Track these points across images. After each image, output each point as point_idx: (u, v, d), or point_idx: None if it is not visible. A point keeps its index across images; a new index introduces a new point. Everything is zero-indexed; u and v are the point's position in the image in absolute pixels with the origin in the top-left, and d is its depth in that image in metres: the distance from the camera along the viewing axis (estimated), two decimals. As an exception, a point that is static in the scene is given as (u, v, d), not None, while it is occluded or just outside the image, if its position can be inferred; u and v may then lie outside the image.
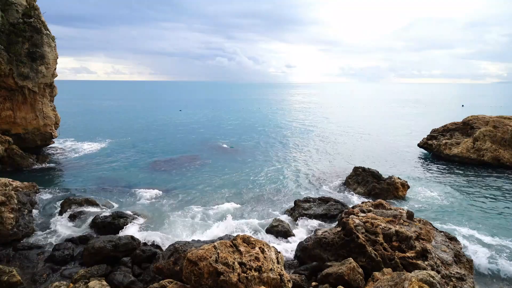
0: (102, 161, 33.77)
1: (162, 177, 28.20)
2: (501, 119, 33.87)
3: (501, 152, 31.37)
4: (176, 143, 43.12)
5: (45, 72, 33.30)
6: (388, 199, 22.22)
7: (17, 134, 33.01)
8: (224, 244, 11.47)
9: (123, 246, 15.43)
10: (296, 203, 21.37)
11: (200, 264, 10.59)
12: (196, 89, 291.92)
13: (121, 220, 18.66)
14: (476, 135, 33.36)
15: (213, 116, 76.99)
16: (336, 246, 14.60)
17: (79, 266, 14.95)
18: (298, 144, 43.86)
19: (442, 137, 37.41)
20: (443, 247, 14.65)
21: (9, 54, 30.60)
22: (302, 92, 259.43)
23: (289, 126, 61.34)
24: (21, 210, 18.73)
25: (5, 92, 31.98)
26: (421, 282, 9.97)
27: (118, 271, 14.03)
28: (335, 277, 12.51)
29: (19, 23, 31.44)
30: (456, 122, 38.58)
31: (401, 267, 13.02)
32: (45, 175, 28.41)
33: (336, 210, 20.13)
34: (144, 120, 66.73)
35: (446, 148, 35.08)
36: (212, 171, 30.39)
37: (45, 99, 35.03)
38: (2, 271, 13.15)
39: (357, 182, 25.46)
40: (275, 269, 11.20)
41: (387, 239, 14.23)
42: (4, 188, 18.93)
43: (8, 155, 29.23)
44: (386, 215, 16.22)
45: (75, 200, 20.96)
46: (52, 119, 35.62)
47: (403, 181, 24.22)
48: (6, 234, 16.88)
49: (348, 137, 49.20)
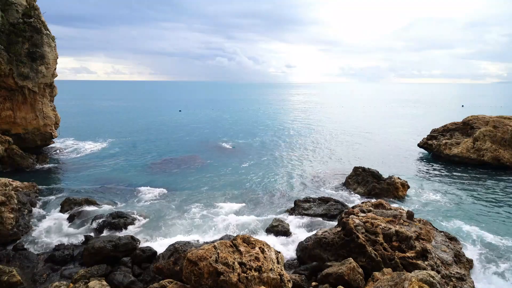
0: (102, 161, 33.78)
1: (162, 177, 28.19)
2: (501, 119, 33.86)
3: (501, 152, 31.36)
4: (176, 143, 43.13)
5: (45, 72, 33.32)
6: (388, 199, 22.22)
7: (17, 134, 33.03)
8: (224, 244, 11.47)
9: (123, 246, 15.43)
10: (296, 203, 21.37)
11: (200, 264, 10.59)
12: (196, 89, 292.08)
13: (121, 220, 18.65)
14: (476, 135, 33.36)
15: (213, 116, 77.01)
16: (336, 246, 14.60)
17: (79, 266, 14.96)
18: (298, 144, 43.86)
19: (442, 137, 37.41)
20: (443, 247, 14.66)
21: (9, 54, 30.61)
22: (302, 92, 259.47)
23: (289, 126, 61.34)
24: (21, 210, 18.75)
25: (5, 92, 31.99)
26: (421, 282, 9.97)
27: (118, 271, 14.03)
28: (335, 277, 12.51)
29: (19, 23, 31.46)
30: (456, 122, 38.57)
31: (401, 267, 13.02)
32: (45, 175, 28.42)
33: (336, 210, 20.13)
34: (144, 120, 66.75)
35: (446, 148, 35.08)
36: (212, 171, 30.39)
37: (45, 99, 35.04)
38: (2, 271, 13.15)
39: (357, 182, 25.46)
40: (275, 269, 11.20)
41: (387, 239, 14.23)
42: (4, 188, 18.94)
43: (8, 155, 29.23)
44: (386, 215, 16.23)
45: (75, 200, 20.95)
46: (52, 119, 35.64)
47: (403, 181, 24.22)
48: (6, 234, 16.89)
49: (348, 137, 49.19)
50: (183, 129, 56.55)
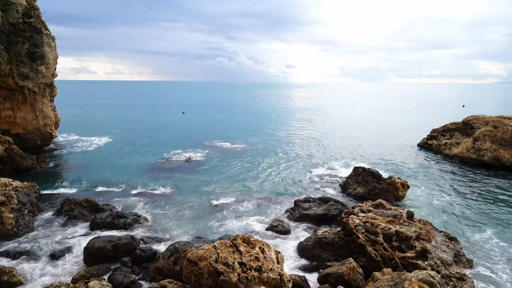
0: (102, 161, 33.77)
1: (162, 177, 28.19)
2: (501, 119, 33.87)
3: (501, 152, 31.37)
4: (176, 144, 43.12)
5: (45, 72, 33.32)
6: (388, 199, 22.20)
7: (17, 134, 33.03)
8: (224, 244, 11.47)
9: (123, 246, 15.43)
10: (296, 203, 21.37)
11: (200, 264, 10.59)
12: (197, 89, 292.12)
13: (121, 220, 18.65)
14: (476, 135, 33.36)
15: (213, 116, 77.01)
16: (336, 246, 14.61)
17: (79, 266, 14.95)
18: (298, 143, 43.87)
19: (442, 137, 37.43)
20: (443, 247, 14.66)
21: (9, 54, 30.61)
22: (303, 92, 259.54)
23: (289, 126, 61.36)
24: (21, 210, 18.74)
25: (5, 92, 31.99)
26: (421, 282, 9.98)
27: (118, 271, 14.04)
28: (335, 277, 12.51)
29: (19, 23, 31.46)
30: (456, 122, 38.60)
31: (401, 267, 13.03)
32: (45, 175, 28.40)
33: (336, 210, 20.12)
34: (144, 121, 66.74)
35: (446, 148, 35.09)
36: (212, 171, 30.41)
37: (45, 99, 35.05)
38: (2, 271, 13.15)
39: (357, 182, 25.45)
40: (275, 269, 11.20)
41: (387, 239, 14.23)
42: (4, 188, 18.94)
43: (8, 155, 29.21)
44: (386, 215, 16.22)
45: (75, 200, 20.94)
46: (52, 119, 35.64)
47: (403, 181, 24.20)
48: (6, 234, 16.90)
49: (348, 137, 49.19)
50: (183, 129, 56.58)
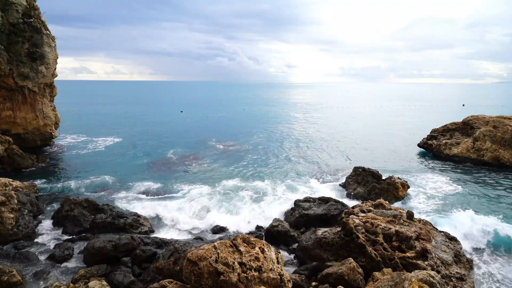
0: (102, 161, 33.77)
1: (162, 177, 28.19)
2: (501, 119, 33.85)
3: (501, 152, 31.36)
4: (176, 143, 43.11)
5: (45, 72, 33.32)
6: (388, 199, 22.20)
7: (17, 134, 33.03)
8: (224, 244, 11.46)
9: (123, 246, 15.43)
10: (296, 203, 21.36)
11: (200, 264, 10.58)
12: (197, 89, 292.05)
13: (121, 220, 18.65)
14: (476, 135, 33.35)
15: (213, 116, 77.02)
16: (336, 246, 14.60)
17: (79, 266, 14.95)
18: (298, 143, 43.86)
19: (442, 137, 37.41)
20: (443, 247, 14.65)
21: (9, 54, 30.61)
22: (303, 92, 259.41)
23: (289, 125, 61.34)
24: (21, 210, 18.73)
25: (5, 92, 31.99)
26: (421, 282, 9.98)
27: (118, 271, 14.04)
28: (335, 277, 12.50)
29: (19, 23, 31.46)
30: (456, 122, 38.56)
31: (401, 267, 13.02)
32: (45, 175, 28.39)
33: (336, 210, 20.12)
34: (144, 121, 66.73)
35: (446, 148, 35.08)
36: (212, 171, 30.42)
37: (45, 99, 35.06)
38: (2, 271, 13.15)
39: (357, 182, 25.45)
40: (275, 269, 11.19)
41: (387, 239, 14.23)
42: (4, 188, 18.94)
43: (8, 155, 29.22)
44: (386, 215, 16.22)
45: (75, 200, 20.93)
46: (52, 119, 35.65)
47: (403, 181, 24.21)
48: (6, 234, 16.90)
49: (348, 136, 49.17)
50: (183, 129, 56.57)
